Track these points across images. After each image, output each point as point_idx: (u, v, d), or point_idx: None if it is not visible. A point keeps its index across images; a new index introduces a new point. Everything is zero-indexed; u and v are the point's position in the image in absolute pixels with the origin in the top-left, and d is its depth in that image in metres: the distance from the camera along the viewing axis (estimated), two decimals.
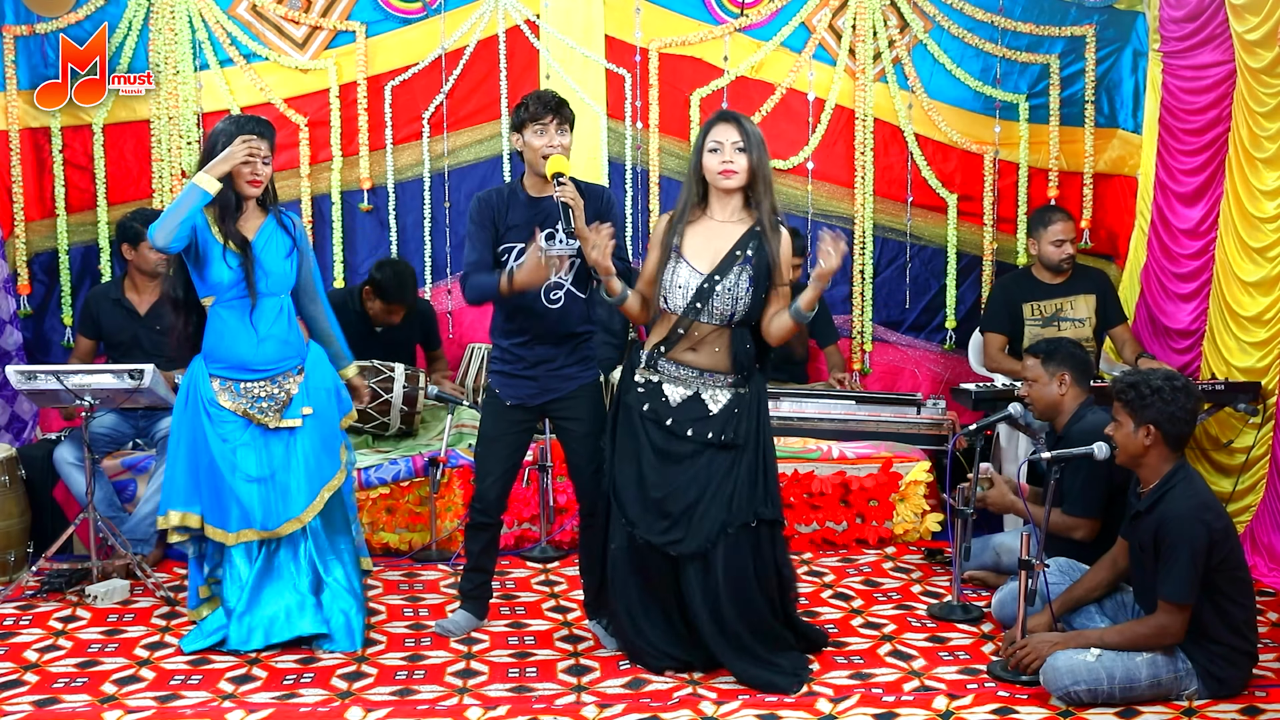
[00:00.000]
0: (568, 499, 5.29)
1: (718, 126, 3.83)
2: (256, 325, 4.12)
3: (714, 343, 3.84)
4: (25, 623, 4.49)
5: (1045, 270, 5.72)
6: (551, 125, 4.01)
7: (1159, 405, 3.66)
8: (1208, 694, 3.68)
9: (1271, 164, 5.01)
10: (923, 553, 5.29)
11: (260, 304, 4.12)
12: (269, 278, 4.13)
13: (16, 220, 6.04)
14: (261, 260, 4.11)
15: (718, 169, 3.80)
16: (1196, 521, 3.57)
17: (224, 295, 4.10)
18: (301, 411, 4.19)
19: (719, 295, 3.79)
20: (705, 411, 3.84)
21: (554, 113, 4.01)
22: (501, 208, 4.08)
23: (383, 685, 3.91)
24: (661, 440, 3.87)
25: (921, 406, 5.84)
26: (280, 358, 4.18)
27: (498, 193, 4.15)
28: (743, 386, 3.88)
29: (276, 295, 4.17)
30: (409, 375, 5.51)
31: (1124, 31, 6.26)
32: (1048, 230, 5.65)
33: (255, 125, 4.11)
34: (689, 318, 3.82)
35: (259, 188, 4.11)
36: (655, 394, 3.88)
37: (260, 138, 4.07)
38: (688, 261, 3.83)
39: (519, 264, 3.96)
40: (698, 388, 3.86)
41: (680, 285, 3.82)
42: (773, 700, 3.74)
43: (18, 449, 5.21)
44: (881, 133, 6.35)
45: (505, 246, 4.07)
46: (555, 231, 4.03)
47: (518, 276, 3.93)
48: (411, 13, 6.22)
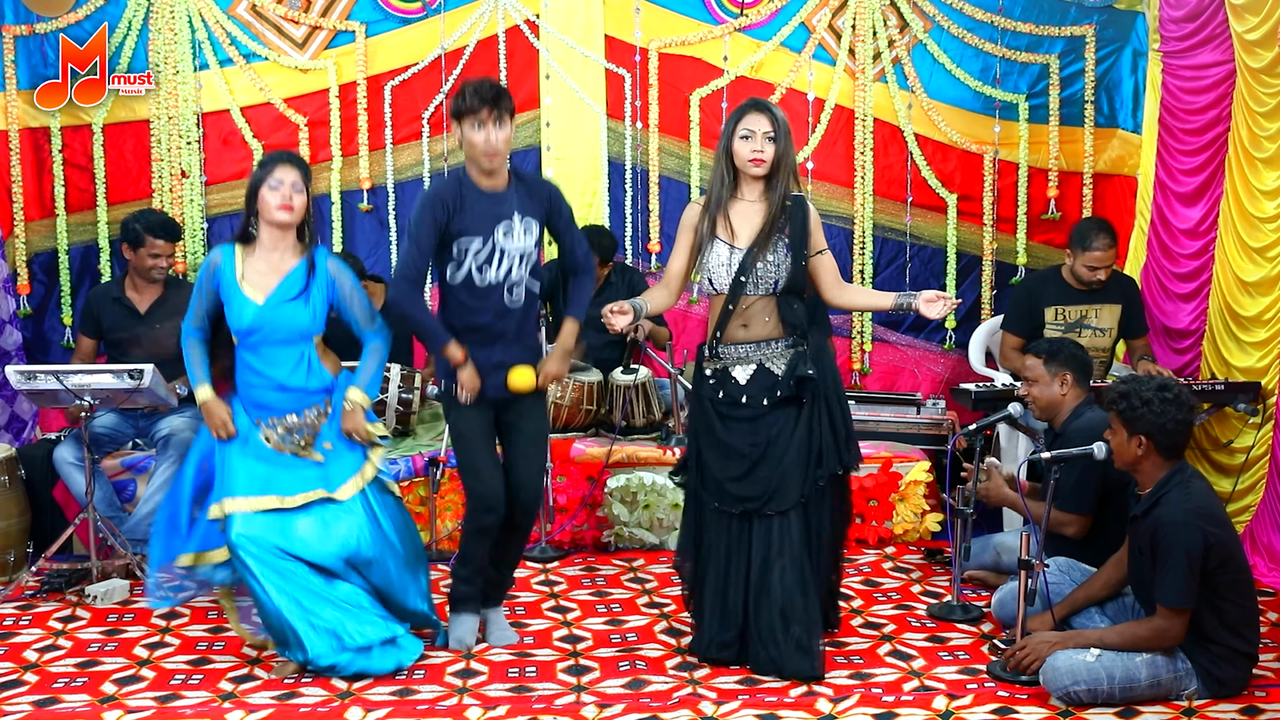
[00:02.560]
0: (568, 499, 5.29)
1: (751, 115, 3.93)
2: (272, 374, 4.02)
3: (763, 312, 3.97)
4: (25, 623, 4.49)
5: (1075, 278, 5.47)
6: (489, 119, 3.92)
7: (1150, 417, 3.66)
8: (1208, 694, 3.67)
9: (1271, 164, 5.01)
10: (922, 553, 5.29)
11: (276, 352, 4.02)
12: (286, 329, 4.00)
13: (16, 220, 6.05)
14: (280, 311, 3.98)
15: (748, 156, 3.93)
16: (1191, 526, 3.57)
17: (244, 340, 4.03)
18: (324, 446, 4.07)
19: (761, 266, 3.92)
20: (773, 379, 3.97)
21: (491, 104, 3.91)
22: (456, 203, 3.98)
23: (383, 685, 3.90)
24: (739, 420, 3.98)
25: (921, 406, 5.85)
26: (299, 406, 4.07)
27: (449, 188, 4.01)
28: (800, 344, 4.00)
29: (295, 344, 4.03)
30: (404, 375, 5.50)
31: (1124, 31, 6.26)
32: (1086, 253, 5.34)
33: (283, 156, 4.05)
34: (737, 292, 3.95)
35: (290, 213, 3.96)
36: (725, 379, 4.01)
37: (290, 165, 3.98)
38: (725, 241, 3.96)
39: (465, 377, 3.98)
40: (759, 360, 3.99)
41: (723, 263, 3.95)
42: (772, 700, 3.74)
43: (18, 449, 5.21)
44: (881, 133, 6.36)
45: (464, 242, 3.97)
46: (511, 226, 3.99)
47: (462, 377, 3.97)
48: (411, 13, 6.23)
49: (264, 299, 3.97)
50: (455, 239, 3.97)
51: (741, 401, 3.97)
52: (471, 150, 3.96)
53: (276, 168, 3.97)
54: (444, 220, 3.96)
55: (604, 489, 5.34)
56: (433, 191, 4.03)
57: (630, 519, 5.34)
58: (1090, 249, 5.35)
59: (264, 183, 3.96)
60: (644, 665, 4.06)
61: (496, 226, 3.98)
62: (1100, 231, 5.38)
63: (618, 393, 5.54)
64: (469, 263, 3.98)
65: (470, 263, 3.98)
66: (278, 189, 3.95)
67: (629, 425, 5.54)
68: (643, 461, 5.40)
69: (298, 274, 4.01)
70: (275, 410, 4.05)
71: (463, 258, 3.98)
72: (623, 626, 4.43)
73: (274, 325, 3.98)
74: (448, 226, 3.96)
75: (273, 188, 3.95)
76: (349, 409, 4.05)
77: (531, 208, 4.07)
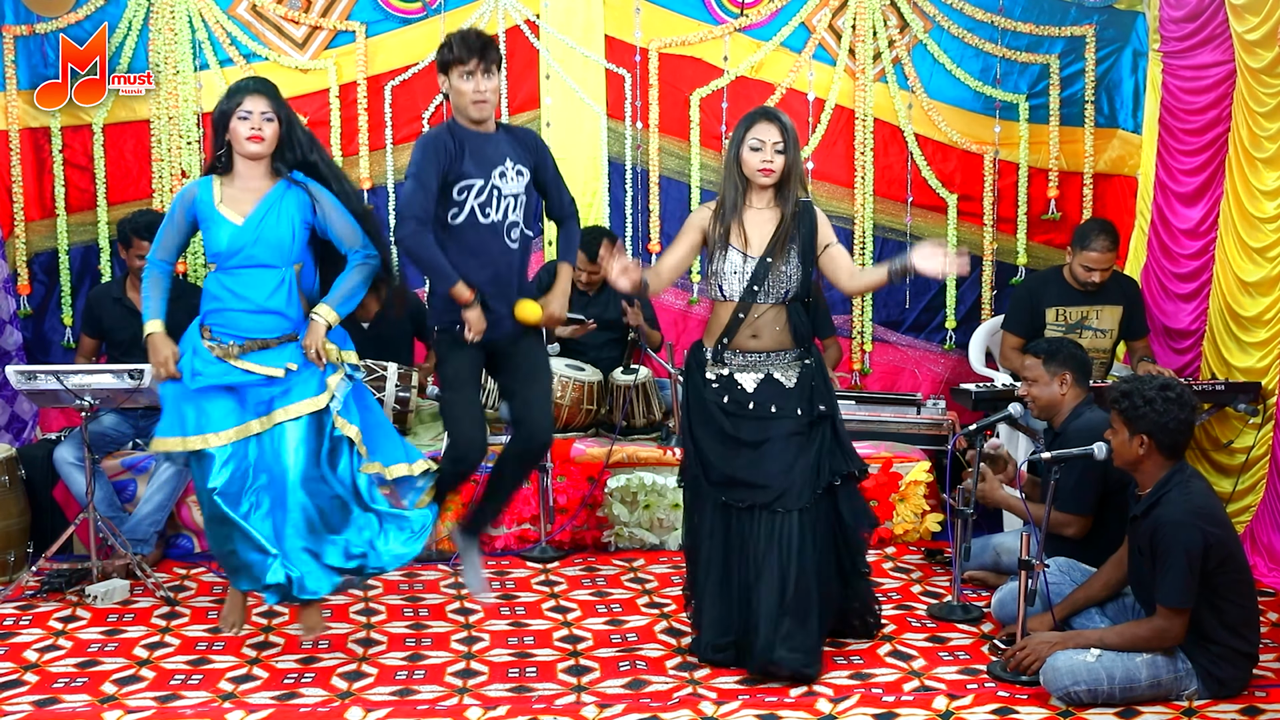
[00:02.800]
0: (568, 499, 5.29)
1: (761, 125, 3.94)
2: (252, 296, 3.98)
3: (774, 322, 3.98)
4: (25, 623, 4.50)
5: (1073, 278, 5.47)
6: (478, 70, 3.93)
7: (1152, 416, 3.66)
8: (1208, 694, 3.68)
9: (1271, 164, 5.01)
10: (923, 553, 5.29)
11: (257, 275, 3.99)
12: (266, 249, 3.98)
13: (16, 220, 6.05)
14: (260, 231, 3.97)
15: (757, 167, 3.94)
16: (1191, 526, 3.57)
17: (222, 263, 4.01)
18: (287, 365, 3.99)
19: (774, 274, 3.93)
20: (781, 388, 3.98)
21: (479, 55, 3.92)
22: (455, 149, 3.98)
23: (383, 685, 3.91)
24: (746, 418, 3.98)
25: (921, 406, 5.84)
26: (276, 328, 4.02)
27: (445, 133, 4.00)
28: (808, 358, 4.03)
29: (276, 267, 4.00)
30: (401, 374, 5.50)
31: (1124, 31, 6.26)
32: (1083, 253, 5.34)
33: (251, 84, 4.01)
34: (748, 300, 3.95)
35: (260, 143, 3.95)
36: (730, 385, 4.01)
37: (258, 94, 3.96)
38: (738, 249, 3.95)
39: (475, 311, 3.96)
40: (768, 369, 4.00)
41: (735, 270, 3.95)
42: (773, 700, 3.74)
43: (18, 449, 5.21)
44: (881, 133, 6.35)
45: (465, 185, 3.98)
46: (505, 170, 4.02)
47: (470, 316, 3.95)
48: (411, 13, 6.23)
49: (243, 220, 3.98)
50: (455, 183, 3.98)
51: (749, 407, 3.99)
52: (460, 99, 3.97)
53: (245, 97, 3.96)
54: (445, 165, 3.96)
55: (604, 489, 5.34)
56: (432, 135, 4.02)
57: (630, 519, 5.34)
58: (1088, 249, 5.34)
59: (233, 113, 3.96)
60: (644, 665, 4.06)
61: (493, 170, 4.01)
62: (1101, 234, 5.36)
63: (618, 393, 5.54)
64: (471, 202, 3.99)
65: (472, 202, 3.99)
66: (247, 119, 3.95)
67: (629, 425, 5.54)
68: (643, 461, 5.41)
69: (275, 194, 4.01)
70: (245, 334, 4.00)
71: (464, 200, 3.99)
72: (623, 627, 4.43)
73: (255, 245, 3.98)
74: (448, 171, 3.97)
75: (242, 118, 3.95)
76: (313, 323, 4.00)
77: (522, 155, 4.12)
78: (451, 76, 3.96)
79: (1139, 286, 5.77)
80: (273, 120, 3.98)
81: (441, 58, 3.98)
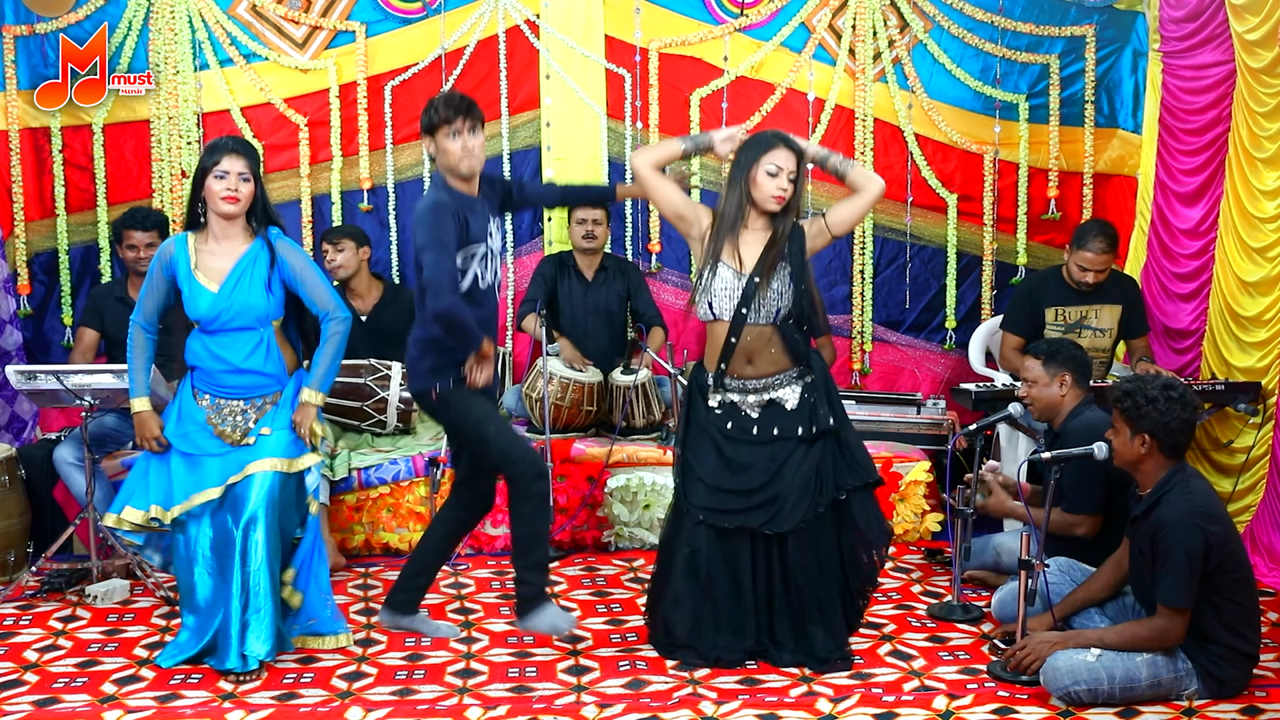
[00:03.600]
0: (568, 499, 5.29)
1: (779, 151, 3.93)
2: (230, 358, 4.02)
3: (768, 345, 3.97)
4: (25, 623, 4.50)
5: (1071, 277, 5.47)
6: (464, 128, 3.96)
7: (1154, 416, 3.66)
8: (1208, 694, 3.68)
9: (1271, 164, 5.01)
10: (923, 553, 5.29)
11: (234, 338, 4.02)
12: (243, 315, 4.00)
13: (16, 220, 6.05)
14: (234, 299, 3.98)
15: (771, 193, 3.92)
16: (1191, 526, 3.57)
17: (203, 327, 4.03)
18: (260, 431, 4.03)
19: (763, 294, 3.92)
20: (783, 410, 3.99)
21: (464, 114, 3.96)
22: (463, 213, 3.98)
23: (383, 685, 3.91)
24: (746, 443, 3.99)
25: (921, 406, 5.85)
26: (253, 390, 4.05)
27: (448, 198, 3.98)
28: (808, 374, 4.02)
29: (253, 329, 4.02)
30: (405, 374, 5.48)
31: (1124, 31, 6.26)
32: (1080, 252, 5.35)
33: (229, 143, 4.01)
34: (739, 323, 3.94)
35: (236, 204, 3.96)
36: (733, 412, 4.02)
37: (236, 154, 3.96)
38: (729, 265, 3.95)
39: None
40: (769, 394, 4.00)
41: (727, 288, 3.94)
42: (773, 700, 3.75)
43: (18, 449, 5.21)
44: (881, 133, 6.35)
45: (470, 252, 3.98)
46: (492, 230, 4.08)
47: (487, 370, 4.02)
48: (411, 13, 6.22)
49: (219, 286, 3.98)
50: (462, 249, 3.98)
51: (753, 433, 3.99)
52: (448, 159, 3.98)
53: (224, 156, 3.96)
54: (460, 226, 3.96)
55: (604, 489, 5.34)
56: (439, 204, 3.96)
57: (630, 519, 5.34)
58: (1085, 249, 5.34)
59: (210, 171, 3.96)
60: (644, 665, 4.06)
61: (487, 234, 4.05)
62: (1099, 235, 5.36)
63: (618, 393, 5.54)
64: (474, 268, 4.01)
65: (475, 268, 4.02)
66: (223, 179, 3.95)
67: (629, 425, 5.55)
68: (643, 461, 5.41)
69: (249, 257, 4.02)
70: (228, 391, 4.04)
71: (468, 265, 4.01)
72: (623, 626, 4.42)
73: (231, 311, 3.99)
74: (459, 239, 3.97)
75: (219, 177, 3.96)
76: (303, 406, 4.05)
77: (493, 204, 4.17)
78: (438, 137, 3.98)
79: (1138, 286, 5.77)
80: (249, 181, 3.99)
81: (427, 120, 4.00)
